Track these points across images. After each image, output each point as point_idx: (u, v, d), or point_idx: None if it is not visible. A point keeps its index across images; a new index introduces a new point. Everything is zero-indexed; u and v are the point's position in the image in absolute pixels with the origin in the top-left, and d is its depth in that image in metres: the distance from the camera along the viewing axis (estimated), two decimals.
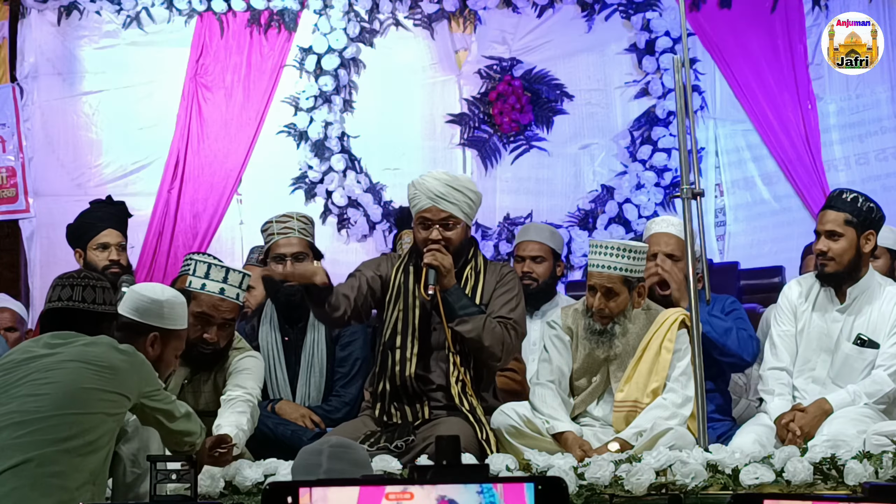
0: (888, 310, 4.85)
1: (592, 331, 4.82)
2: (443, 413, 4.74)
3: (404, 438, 4.64)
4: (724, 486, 4.21)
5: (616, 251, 4.75)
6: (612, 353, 4.81)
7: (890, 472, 4.17)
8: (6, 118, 7.67)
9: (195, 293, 4.75)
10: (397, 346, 4.79)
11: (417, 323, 4.78)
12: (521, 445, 4.61)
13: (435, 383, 4.77)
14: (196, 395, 4.84)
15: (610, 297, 4.78)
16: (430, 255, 4.71)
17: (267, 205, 7.61)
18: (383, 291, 4.87)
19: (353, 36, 7.89)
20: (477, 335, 4.68)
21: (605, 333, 4.81)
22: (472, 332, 4.68)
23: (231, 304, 4.80)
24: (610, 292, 4.77)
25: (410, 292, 4.79)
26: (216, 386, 4.83)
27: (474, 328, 4.68)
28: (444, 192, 4.77)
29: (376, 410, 4.81)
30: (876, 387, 4.76)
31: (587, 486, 4.21)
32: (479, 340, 4.69)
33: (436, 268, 4.68)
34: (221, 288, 4.77)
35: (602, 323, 4.81)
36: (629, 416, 4.74)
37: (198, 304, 4.73)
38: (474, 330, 4.68)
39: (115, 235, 5.41)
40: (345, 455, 3.32)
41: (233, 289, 4.79)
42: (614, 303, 4.79)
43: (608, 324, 4.80)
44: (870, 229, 4.86)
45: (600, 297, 4.78)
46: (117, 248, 5.38)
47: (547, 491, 2.23)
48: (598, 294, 4.78)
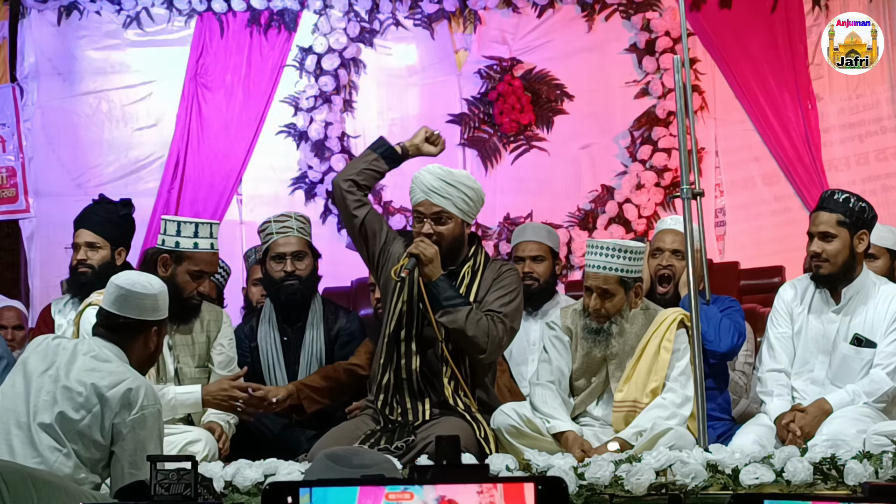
0: (884, 309, 4.85)
1: (589, 330, 4.82)
2: (438, 411, 4.74)
3: (404, 439, 4.63)
4: (724, 486, 4.21)
5: (612, 251, 4.74)
6: (609, 353, 4.81)
7: (890, 472, 4.17)
8: (6, 118, 7.66)
9: (189, 252, 4.87)
10: (402, 338, 4.79)
11: (421, 316, 4.76)
12: (522, 445, 4.60)
13: (434, 379, 4.76)
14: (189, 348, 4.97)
15: (606, 298, 4.77)
16: (414, 244, 4.71)
17: (267, 205, 7.63)
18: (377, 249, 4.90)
19: (353, 36, 7.89)
20: (459, 325, 4.65)
21: (601, 333, 4.80)
22: (454, 322, 4.65)
23: (217, 256, 5.04)
24: (606, 293, 4.77)
25: (415, 284, 4.78)
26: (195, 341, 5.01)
27: (456, 318, 4.65)
28: (437, 187, 4.75)
29: (378, 402, 4.79)
30: (875, 386, 4.76)
31: (587, 486, 4.21)
32: (462, 331, 4.65)
33: (416, 256, 4.68)
34: (211, 243, 4.92)
35: (598, 322, 4.80)
36: (628, 416, 4.74)
37: (194, 263, 4.89)
38: (457, 320, 4.65)
39: (87, 235, 5.40)
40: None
41: (216, 241, 4.98)
42: (610, 303, 4.78)
43: (605, 323, 4.80)
44: (862, 229, 4.85)
45: (596, 297, 4.77)
46: (87, 247, 5.37)
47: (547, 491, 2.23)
48: (594, 295, 4.78)
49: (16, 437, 3.92)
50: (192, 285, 4.90)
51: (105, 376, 3.96)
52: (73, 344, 4.11)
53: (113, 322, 4.09)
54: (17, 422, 3.94)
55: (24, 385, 4.00)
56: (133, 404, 3.92)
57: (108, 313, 4.11)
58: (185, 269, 4.86)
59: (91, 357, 4.01)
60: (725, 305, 5.16)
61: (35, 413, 3.94)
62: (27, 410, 3.95)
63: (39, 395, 3.96)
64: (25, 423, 3.94)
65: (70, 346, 4.08)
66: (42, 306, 6.12)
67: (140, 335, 4.12)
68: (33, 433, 3.91)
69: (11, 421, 3.95)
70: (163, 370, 4.88)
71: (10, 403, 3.98)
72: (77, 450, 3.91)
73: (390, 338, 4.80)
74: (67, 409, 3.92)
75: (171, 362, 4.91)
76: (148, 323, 4.14)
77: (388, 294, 4.85)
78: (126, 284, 4.13)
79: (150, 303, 4.14)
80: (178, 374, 4.93)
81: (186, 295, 4.89)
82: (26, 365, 4.06)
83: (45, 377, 3.99)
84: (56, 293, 6.92)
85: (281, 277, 5.35)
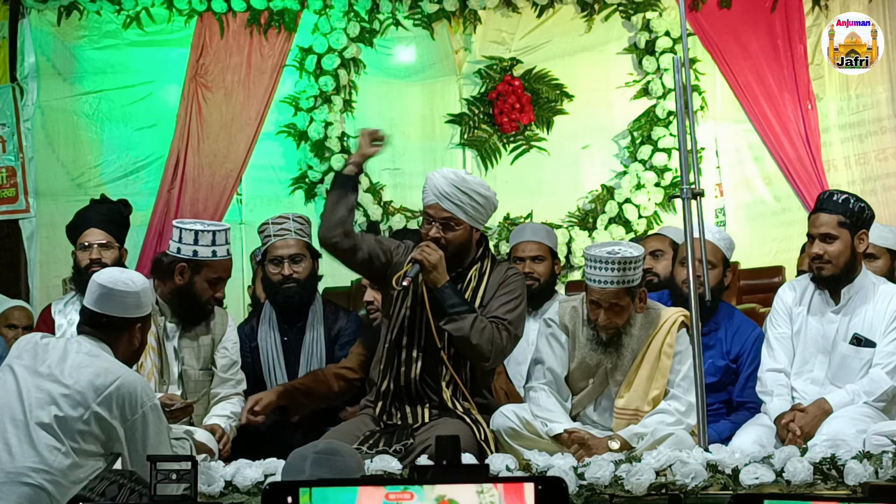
0: (883, 308, 4.85)
1: (598, 342, 4.77)
2: (437, 412, 4.73)
3: (403, 442, 4.61)
4: (724, 486, 4.21)
5: (614, 266, 4.66)
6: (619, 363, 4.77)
7: (890, 472, 4.17)
8: (6, 118, 7.66)
9: (208, 261, 4.91)
10: (403, 345, 4.78)
11: (424, 323, 4.76)
12: (521, 447, 4.60)
13: (434, 385, 4.75)
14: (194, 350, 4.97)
15: (615, 311, 4.73)
16: (418, 250, 4.69)
17: (267, 205, 7.63)
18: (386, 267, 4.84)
19: (353, 36, 7.88)
20: (464, 334, 4.63)
21: (611, 344, 4.77)
22: (459, 330, 4.64)
23: (231, 262, 5.05)
24: (615, 306, 4.73)
25: (418, 291, 4.77)
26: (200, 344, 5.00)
27: (462, 326, 4.63)
28: (449, 192, 4.72)
29: (377, 409, 4.79)
30: (874, 385, 4.76)
31: (587, 486, 4.21)
32: (466, 339, 4.63)
33: (419, 262, 4.67)
34: (227, 249, 4.97)
35: (608, 334, 4.77)
36: (630, 424, 4.71)
37: (213, 271, 4.93)
38: (462, 329, 4.63)
39: (98, 234, 5.40)
40: (329, 462, 3.30)
41: (230, 246, 5.00)
42: (618, 316, 4.74)
43: (614, 335, 4.77)
44: (862, 229, 4.85)
45: (605, 312, 4.72)
46: (99, 246, 5.38)
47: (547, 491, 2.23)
48: (602, 309, 4.72)
49: (12, 435, 3.92)
50: (209, 292, 4.95)
51: (100, 373, 3.96)
52: (63, 342, 4.11)
53: (97, 320, 4.11)
54: (12, 419, 3.94)
55: (15, 384, 3.99)
56: (133, 402, 3.94)
57: (92, 312, 4.12)
58: (204, 277, 4.92)
59: (84, 354, 4.02)
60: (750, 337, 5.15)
61: (30, 411, 3.93)
62: (22, 409, 3.94)
63: (33, 393, 3.95)
64: (22, 421, 3.93)
65: (60, 345, 4.08)
66: (42, 306, 6.11)
67: (124, 332, 4.14)
68: (31, 431, 3.91)
69: (6, 419, 3.94)
70: (167, 372, 4.88)
71: (4, 402, 3.98)
72: (75, 448, 3.91)
73: (392, 344, 4.79)
74: (65, 407, 3.92)
75: (175, 365, 4.92)
76: (132, 320, 4.15)
77: (391, 301, 4.84)
78: (108, 283, 4.13)
79: (133, 300, 4.15)
80: (182, 377, 4.94)
81: (203, 301, 4.94)
82: (16, 363, 4.05)
83: (37, 375, 3.99)
84: (56, 293, 6.93)
85: (278, 280, 5.35)
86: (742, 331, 5.12)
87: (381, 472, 4.20)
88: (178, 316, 4.95)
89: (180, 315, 4.95)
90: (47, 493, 3.84)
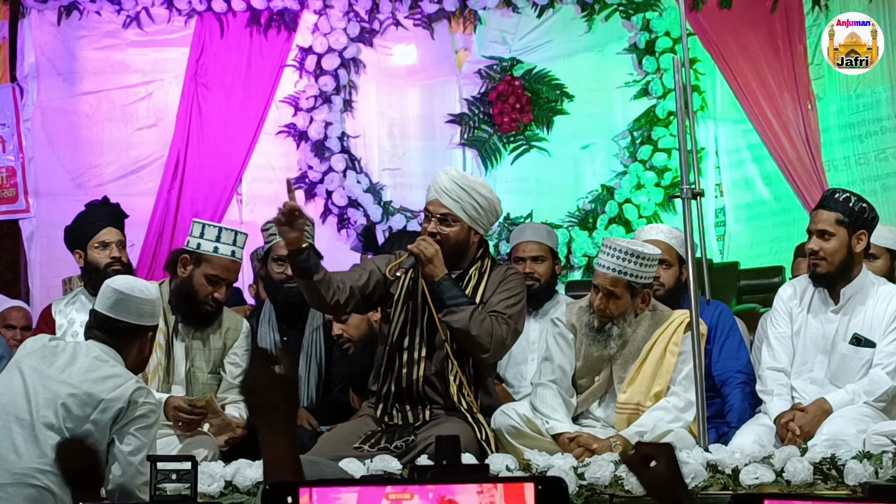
0: (882, 308, 4.85)
1: (591, 327, 4.82)
2: (442, 412, 4.73)
3: (404, 438, 4.62)
4: (724, 486, 4.21)
5: (625, 255, 4.70)
6: (605, 354, 4.79)
7: (890, 472, 4.17)
8: (6, 118, 7.66)
9: (207, 255, 4.90)
10: (405, 346, 4.77)
11: (426, 324, 4.75)
12: (522, 446, 4.60)
13: (438, 385, 4.75)
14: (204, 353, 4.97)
15: (610, 299, 4.77)
16: (415, 243, 4.71)
17: (267, 205, 7.62)
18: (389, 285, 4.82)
19: (353, 36, 7.88)
20: (464, 325, 4.63)
21: (601, 332, 4.80)
22: (458, 321, 4.64)
23: (238, 265, 5.01)
24: (611, 294, 4.76)
25: (419, 293, 4.77)
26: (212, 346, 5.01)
27: (461, 318, 4.63)
28: (449, 188, 4.73)
29: (377, 410, 4.79)
30: (874, 385, 4.76)
31: (587, 486, 4.21)
32: (465, 330, 4.63)
33: (415, 255, 4.67)
34: (232, 251, 4.94)
35: (600, 322, 4.80)
36: (631, 419, 4.73)
37: (211, 267, 4.91)
38: (461, 320, 4.63)
39: (115, 233, 5.42)
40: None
41: (239, 250, 4.99)
42: (614, 305, 4.77)
43: (606, 323, 4.80)
44: (862, 229, 4.85)
45: (601, 296, 4.77)
46: (118, 245, 5.39)
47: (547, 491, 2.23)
48: (599, 293, 4.78)
49: (18, 434, 3.92)
50: (206, 289, 4.92)
51: (108, 378, 3.96)
52: (72, 345, 4.10)
53: (111, 326, 4.08)
54: (17, 419, 3.94)
55: (22, 383, 3.99)
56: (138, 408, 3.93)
57: (106, 317, 4.09)
58: (203, 272, 4.91)
59: (93, 358, 4.02)
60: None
61: (37, 411, 3.93)
62: (28, 408, 3.94)
63: (40, 393, 3.96)
64: (28, 421, 3.93)
65: (70, 348, 4.08)
66: (42, 306, 6.11)
67: (136, 339, 4.12)
68: (37, 432, 3.91)
69: (12, 418, 3.95)
70: (172, 372, 4.88)
71: (10, 401, 3.98)
72: None
73: (392, 346, 4.79)
74: (73, 408, 3.92)
75: (182, 365, 4.92)
76: (145, 328, 4.14)
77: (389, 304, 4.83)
78: (124, 288, 4.12)
79: (149, 308, 4.14)
80: (189, 379, 4.93)
81: (200, 298, 4.92)
82: (24, 363, 4.05)
83: (45, 376, 3.99)
84: (56, 293, 6.92)
85: (281, 279, 5.35)
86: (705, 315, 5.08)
87: (381, 471, 4.20)
88: (179, 312, 4.95)
89: (181, 311, 4.95)
90: (53, 494, 3.84)
